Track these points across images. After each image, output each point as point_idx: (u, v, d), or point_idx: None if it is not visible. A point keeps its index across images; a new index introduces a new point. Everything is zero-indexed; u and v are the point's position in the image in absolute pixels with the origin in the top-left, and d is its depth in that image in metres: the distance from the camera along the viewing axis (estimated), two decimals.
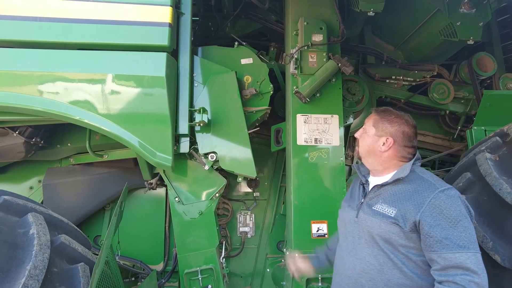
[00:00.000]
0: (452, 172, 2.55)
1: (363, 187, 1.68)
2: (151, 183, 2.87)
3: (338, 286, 1.65)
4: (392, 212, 1.46)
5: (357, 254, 1.55)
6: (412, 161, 1.56)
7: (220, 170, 2.67)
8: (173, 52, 2.45)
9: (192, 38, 2.60)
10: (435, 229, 1.35)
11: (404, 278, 1.43)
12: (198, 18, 3.20)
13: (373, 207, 1.54)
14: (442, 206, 1.38)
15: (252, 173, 2.55)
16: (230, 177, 2.93)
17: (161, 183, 2.90)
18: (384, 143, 1.58)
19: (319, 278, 2.45)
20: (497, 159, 2.13)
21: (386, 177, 1.58)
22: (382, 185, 1.57)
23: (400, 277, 1.43)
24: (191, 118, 2.49)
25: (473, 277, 1.28)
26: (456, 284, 1.28)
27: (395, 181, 1.53)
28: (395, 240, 1.44)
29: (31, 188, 3.08)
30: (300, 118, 2.62)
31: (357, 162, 3.20)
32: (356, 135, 1.74)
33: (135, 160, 2.88)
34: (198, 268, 2.60)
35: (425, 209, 1.39)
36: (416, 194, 1.44)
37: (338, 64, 2.57)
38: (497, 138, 2.22)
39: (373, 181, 1.65)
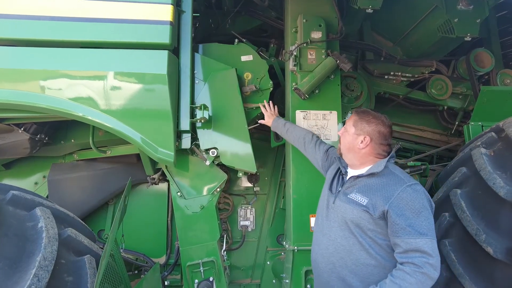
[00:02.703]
0: (448, 167, 2.59)
1: (342, 177, 1.86)
2: (154, 178, 2.93)
3: (314, 262, 1.85)
4: (364, 201, 1.65)
5: (331, 236, 1.74)
6: (387, 158, 1.73)
7: (221, 166, 2.71)
8: (174, 50, 2.48)
9: (193, 34, 2.63)
10: (400, 218, 1.55)
11: (370, 258, 1.63)
12: (198, 14, 3.22)
13: (348, 195, 1.72)
14: (407, 199, 1.57)
15: (252, 168, 2.60)
16: (231, 172, 2.98)
17: (164, 178, 2.96)
18: (362, 141, 1.74)
19: None
20: (492, 154, 2.16)
21: (362, 170, 1.76)
22: (358, 177, 1.75)
23: (367, 258, 1.63)
24: (192, 115, 2.52)
25: (428, 259, 1.49)
26: (414, 264, 1.49)
27: (370, 175, 1.71)
28: (364, 225, 1.64)
29: (36, 183, 3.14)
30: (299, 114, 2.66)
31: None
32: (338, 133, 1.91)
33: (137, 156, 2.92)
34: (200, 261, 2.66)
35: (393, 201, 1.58)
36: (387, 187, 1.64)
37: (336, 61, 2.60)
38: (493, 133, 2.26)
39: (351, 172, 1.82)
